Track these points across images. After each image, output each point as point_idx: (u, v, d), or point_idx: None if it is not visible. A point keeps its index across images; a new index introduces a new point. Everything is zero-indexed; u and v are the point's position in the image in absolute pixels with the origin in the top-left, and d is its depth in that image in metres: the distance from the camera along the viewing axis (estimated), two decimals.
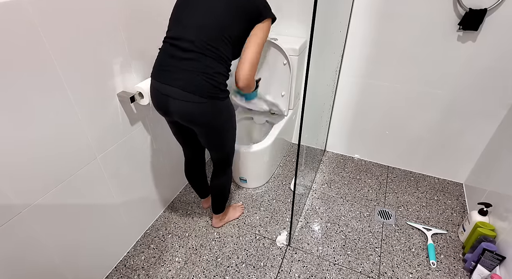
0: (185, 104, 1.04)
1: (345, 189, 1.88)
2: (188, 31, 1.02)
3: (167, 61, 1.05)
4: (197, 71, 1.01)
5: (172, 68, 1.04)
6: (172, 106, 1.07)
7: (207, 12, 1.02)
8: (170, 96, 1.04)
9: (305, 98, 1.03)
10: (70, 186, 1.09)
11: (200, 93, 1.03)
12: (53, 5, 0.88)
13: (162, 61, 1.07)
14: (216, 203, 1.51)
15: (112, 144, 1.23)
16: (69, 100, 1.01)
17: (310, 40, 0.91)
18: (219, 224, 1.63)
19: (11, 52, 0.81)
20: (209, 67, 1.02)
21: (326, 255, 1.49)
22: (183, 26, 1.04)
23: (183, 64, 1.02)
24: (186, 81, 1.02)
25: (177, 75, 1.03)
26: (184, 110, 1.06)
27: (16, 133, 0.88)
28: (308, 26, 1.74)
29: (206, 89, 1.03)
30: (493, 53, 1.45)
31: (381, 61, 1.69)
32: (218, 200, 1.50)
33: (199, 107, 1.05)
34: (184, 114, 1.07)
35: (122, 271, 1.43)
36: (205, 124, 1.12)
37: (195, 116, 1.08)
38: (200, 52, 1.01)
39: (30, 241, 1.01)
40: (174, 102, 1.05)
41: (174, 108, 1.07)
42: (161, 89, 1.06)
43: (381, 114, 1.88)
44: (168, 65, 1.05)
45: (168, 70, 1.04)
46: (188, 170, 1.50)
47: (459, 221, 1.66)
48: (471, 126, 1.69)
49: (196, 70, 1.01)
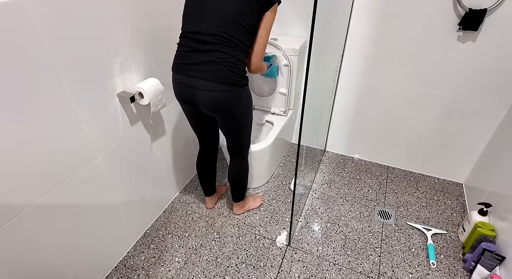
0: (214, 94, 1.11)
1: (345, 189, 1.88)
2: (205, 24, 1.07)
3: (189, 55, 1.10)
4: (221, 61, 1.07)
5: (196, 61, 1.09)
6: (199, 98, 1.13)
7: (220, 3, 1.06)
8: (197, 88, 1.11)
9: (305, 98, 1.03)
10: (70, 186, 1.09)
11: (227, 82, 1.10)
12: (53, 5, 0.88)
13: (183, 56, 1.12)
14: (236, 191, 1.58)
15: (112, 144, 1.23)
16: (69, 100, 1.01)
17: (310, 40, 0.91)
18: (239, 211, 1.70)
19: (11, 52, 0.81)
20: (231, 56, 1.08)
21: (326, 255, 1.49)
22: (199, 20, 1.08)
23: (206, 56, 1.07)
24: (212, 72, 1.08)
25: (202, 67, 1.09)
26: (212, 100, 1.13)
27: (15, 133, 0.88)
28: (308, 26, 1.74)
29: (231, 77, 1.10)
30: (493, 53, 1.45)
31: (381, 61, 1.69)
32: (237, 188, 1.57)
33: (226, 95, 1.12)
34: (212, 103, 1.14)
35: (122, 271, 1.43)
36: (229, 111, 1.19)
37: (221, 104, 1.15)
38: (220, 42, 1.06)
39: (30, 241, 1.00)
40: (202, 93, 1.12)
41: (202, 99, 1.14)
42: (187, 82, 1.12)
43: (381, 114, 1.88)
44: (191, 59, 1.10)
45: (192, 63, 1.10)
46: (200, 161, 1.55)
47: (459, 221, 1.66)
48: (471, 126, 1.69)
49: (220, 60, 1.07)
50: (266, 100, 1.92)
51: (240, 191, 1.59)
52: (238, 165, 1.47)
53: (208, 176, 1.61)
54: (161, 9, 1.30)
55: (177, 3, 1.37)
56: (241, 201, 1.65)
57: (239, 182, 1.53)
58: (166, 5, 1.33)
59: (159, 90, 1.26)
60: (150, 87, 1.22)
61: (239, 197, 1.62)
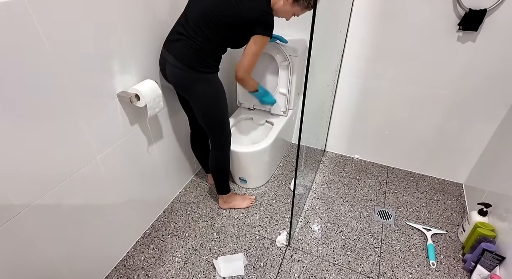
0: (175, 70, 1.24)
1: (345, 189, 1.88)
2: (192, 16, 1.21)
3: (173, 35, 1.26)
4: (188, 45, 1.21)
5: (174, 40, 1.25)
6: (167, 70, 1.28)
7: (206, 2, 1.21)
8: (167, 61, 1.26)
9: (305, 99, 1.03)
10: (69, 186, 1.09)
11: (184, 62, 1.22)
12: (53, 5, 0.88)
13: (170, 34, 1.28)
14: (216, 182, 1.62)
15: (111, 144, 1.23)
16: (68, 100, 1.01)
17: (310, 40, 0.91)
18: (224, 206, 1.73)
19: (10, 52, 0.81)
20: (198, 44, 1.20)
21: (326, 255, 1.49)
22: (191, 12, 1.23)
23: (181, 38, 1.22)
24: (178, 51, 1.22)
25: (175, 45, 1.24)
26: (174, 75, 1.26)
27: (15, 133, 0.88)
28: (308, 26, 1.74)
29: (190, 60, 1.22)
30: (492, 54, 1.45)
31: (381, 61, 1.69)
32: (217, 179, 1.60)
33: (184, 74, 1.24)
34: (173, 77, 1.28)
35: (121, 271, 1.43)
36: (188, 91, 1.30)
37: (179, 81, 1.28)
38: (194, 32, 1.20)
39: (29, 241, 1.00)
40: (168, 66, 1.27)
41: (169, 73, 1.28)
42: (163, 54, 1.28)
43: (380, 115, 1.88)
44: (172, 37, 1.26)
45: (170, 40, 1.26)
46: (192, 141, 1.66)
47: (458, 221, 1.66)
48: (471, 126, 1.69)
49: (188, 44, 1.21)
50: None
51: (220, 182, 1.61)
52: (216, 155, 1.50)
53: (202, 154, 1.69)
54: (162, 9, 1.30)
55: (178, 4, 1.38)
56: (225, 195, 1.67)
57: (219, 173, 1.57)
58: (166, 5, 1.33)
59: (156, 93, 1.25)
60: (147, 91, 1.21)
61: (220, 189, 1.64)
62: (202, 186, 1.91)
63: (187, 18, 1.21)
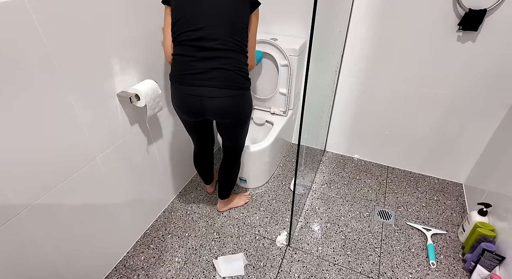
0: (224, 100, 1.10)
1: (345, 189, 1.88)
2: (208, 29, 1.02)
3: (191, 64, 1.07)
4: (228, 66, 1.06)
5: (201, 69, 1.06)
6: (208, 106, 1.12)
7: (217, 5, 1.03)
8: (206, 97, 1.09)
9: (305, 98, 1.03)
10: (69, 186, 1.09)
11: (236, 87, 1.10)
12: (53, 5, 0.88)
13: (185, 66, 1.08)
14: (224, 189, 1.61)
15: (111, 144, 1.23)
16: (68, 100, 1.01)
17: (310, 40, 0.91)
18: (223, 209, 1.72)
19: (10, 52, 0.81)
20: (237, 60, 1.08)
21: (326, 255, 1.49)
22: (197, 25, 1.03)
23: (211, 63, 1.05)
24: (220, 79, 1.07)
25: (209, 75, 1.06)
26: (222, 106, 1.12)
27: (15, 133, 0.88)
28: (308, 26, 1.74)
29: (240, 81, 1.11)
30: (492, 54, 1.45)
31: (381, 61, 1.69)
32: (226, 187, 1.59)
33: (236, 100, 1.12)
34: (222, 109, 1.13)
35: (121, 271, 1.43)
36: (238, 114, 1.18)
37: (231, 109, 1.14)
38: (225, 48, 1.05)
39: (29, 241, 1.00)
40: (211, 101, 1.10)
41: (211, 107, 1.12)
42: (192, 92, 1.10)
43: (380, 115, 1.88)
44: (195, 68, 1.06)
45: (196, 73, 1.07)
46: (198, 160, 1.59)
47: (458, 221, 1.66)
48: (470, 126, 1.69)
49: (226, 66, 1.06)
50: (266, 100, 1.92)
51: (228, 188, 1.61)
52: (232, 163, 1.49)
53: (206, 170, 1.67)
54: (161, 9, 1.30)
55: None
56: (227, 199, 1.67)
57: (230, 180, 1.56)
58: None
59: (156, 93, 1.24)
60: (147, 91, 1.20)
61: (226, 194, 1.64)
62: (202, 186, 1.91)
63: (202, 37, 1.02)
